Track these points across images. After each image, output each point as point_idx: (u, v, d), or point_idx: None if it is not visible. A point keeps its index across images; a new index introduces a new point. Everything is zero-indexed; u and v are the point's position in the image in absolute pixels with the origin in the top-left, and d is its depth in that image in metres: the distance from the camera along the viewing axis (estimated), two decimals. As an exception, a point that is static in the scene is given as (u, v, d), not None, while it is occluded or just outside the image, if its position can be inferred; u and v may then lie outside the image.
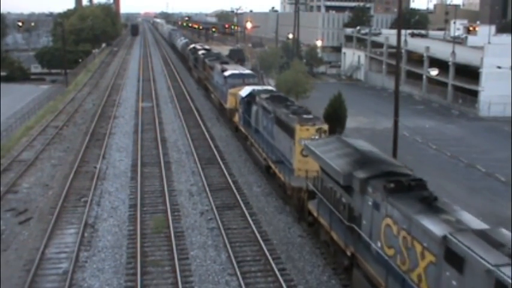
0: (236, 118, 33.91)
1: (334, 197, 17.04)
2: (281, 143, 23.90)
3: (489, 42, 61.69)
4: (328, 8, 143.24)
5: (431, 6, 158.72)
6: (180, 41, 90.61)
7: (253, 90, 30.70)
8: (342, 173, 15.63)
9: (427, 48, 69.58)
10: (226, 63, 45.81)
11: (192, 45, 71.78)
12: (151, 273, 17.90)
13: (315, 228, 19.75)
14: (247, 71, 41.43)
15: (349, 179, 15.38)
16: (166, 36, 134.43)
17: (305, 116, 23.06)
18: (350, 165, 15.85)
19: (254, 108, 28.74)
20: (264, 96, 27.92)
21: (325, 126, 22.25)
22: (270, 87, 32.69)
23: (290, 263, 18.65)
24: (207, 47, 68.86)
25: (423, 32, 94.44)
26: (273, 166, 25.22)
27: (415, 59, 73.88)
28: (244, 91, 31.51)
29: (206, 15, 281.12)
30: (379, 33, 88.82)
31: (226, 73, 38.63)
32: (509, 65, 48.50)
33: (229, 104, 36.26)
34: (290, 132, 22.51)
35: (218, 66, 42.94)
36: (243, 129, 31.94)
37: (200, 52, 59.61)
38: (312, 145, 18.97)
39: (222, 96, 39.68)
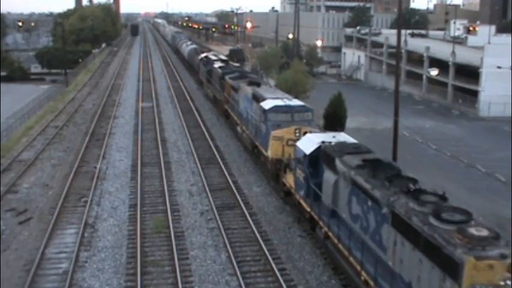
0: (290, 180, 21.92)
1: None
2: (410, 269, 12.65)
3: (489, 42, 61.80)
4: (328, 8, 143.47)
5: (431, 6, 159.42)
6: (187, 47, 75.39)
7: (324, 143, 19.17)
8: None
9: (427, 48, 69.66)
10: (258, 84, 32.71)
11: (203, 54, 58.14)
12: (151, 273, 17.90)
13: None
14: (296, 102, 27.50)
15: None
16: (169, 39, 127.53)
17: (474, 231, 11.19)
18: None
19: (330, 176, 17.67)
20: (352, 161, 16.46)
21: None
22: (346, 136, 20.63)
23: (290, 263, 18.64)
24: (222, 56, 57.08)
25: (423, 32, 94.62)
26: None
27: (415, 59, 74.02)
28: (307, 143, 20.20)
29: (206, 15, 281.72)
30: (379, 33, 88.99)
31: (266, 105, 26.36)
32: (509, 65, 48.53)
33: (273, 152, 24.85)
34: (442, 262, 11.30)
35: (247, 90, 30.92)
36: (304, 204, 20.06)
37: (216, 65, 45.13)
38: None
39: (258, 136, 27.62)
